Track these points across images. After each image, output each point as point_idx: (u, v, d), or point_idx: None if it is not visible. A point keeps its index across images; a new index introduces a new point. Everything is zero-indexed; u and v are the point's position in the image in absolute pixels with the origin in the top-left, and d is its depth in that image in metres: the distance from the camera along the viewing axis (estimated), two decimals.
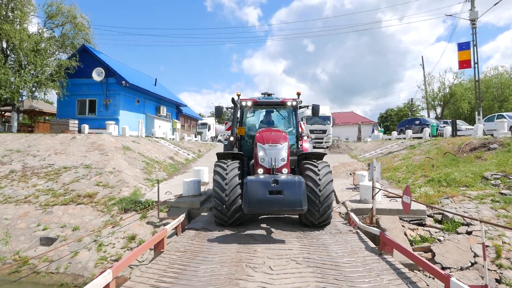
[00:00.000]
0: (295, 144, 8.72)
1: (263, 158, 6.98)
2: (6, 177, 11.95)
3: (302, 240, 6.31)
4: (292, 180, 6.17)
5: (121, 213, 9.33)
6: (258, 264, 4.77)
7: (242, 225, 7.22)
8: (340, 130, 50.69)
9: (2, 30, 16.54)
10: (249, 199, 5.99)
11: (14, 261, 7.83)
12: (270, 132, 7.63)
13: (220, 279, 4.00)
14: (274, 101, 8.86)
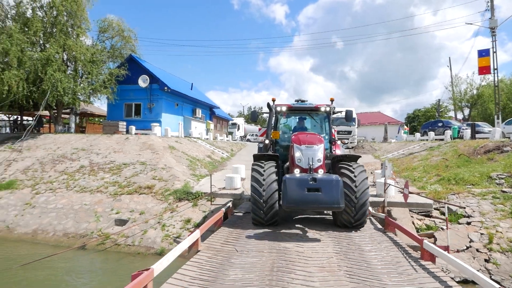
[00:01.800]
0: (329, 149, 8.81)
1: (299, 159, 7.14)
2: (78, 171, 14.38)
3: (335, 237, 6.65)
4: (330, 178, 6.36)
5: (176, 202, 11.40)
6: (292, 262, 5.02)
7: (277, 226, 7.32)
8: (367, 130, 51.25)
9: (66, 44, 19.19)
10: (288, 196, 6.24)
11: (99, 236, 10.07)
12: (306, 134, 7.88)
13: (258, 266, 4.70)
14: (308, 107, 9.02)
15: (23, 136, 18.27)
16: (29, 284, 7.30)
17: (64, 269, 8.29)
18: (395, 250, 5.50)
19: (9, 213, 11.82)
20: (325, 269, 4.46)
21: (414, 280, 4.20)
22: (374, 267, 4.61)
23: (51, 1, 19.24)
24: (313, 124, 9.59)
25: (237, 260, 4.94)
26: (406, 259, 5.02)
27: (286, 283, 4.00)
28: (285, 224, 7.57)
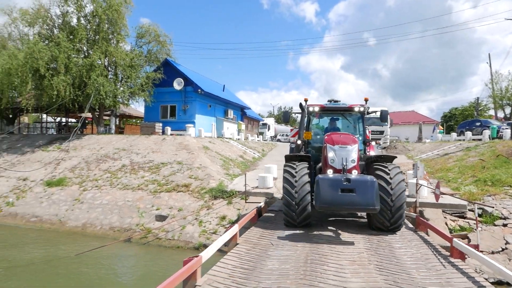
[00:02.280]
0: (363, 150, 8.60)
1: (333, 159, 6.98)
2: (120, 170, 15.36)
3: (367, 235, 6.70)
4: (365, 179, 6.17)
5: (211, 200, 11.99)
6: (324, 256, 5.26)
7: (309, 227, 7.23)
8: (400, 130, 50.03)
9: (107, 51, 20.42)
10: (321, 197, 6.10)
11: (141, 231, 10.83)
12: (339, 134, 7.72)
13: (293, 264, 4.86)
14: (342, 107, 8.84)
15: (70, 137, 19.66)
16: (84, 271, 8.08)
17: (112, 259, 9.07)
18: (425, 248, 5.69)
19: (61, 208, 12.90)
20: (356, 263, 4.76)
21: (442, 275, 4.42)
22: (404, 263, 4.86)
23: (94, 10, 20.52)
24: (346, 125, 9.34)
25: (273, 252, 5.34)
26: (436, 256, 5.21)
27: (319, 273, 4.35)
28: (317, 226, 7.51)
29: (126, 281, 7.86)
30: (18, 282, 7.43)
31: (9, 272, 7.96)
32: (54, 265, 8.42)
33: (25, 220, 12.56)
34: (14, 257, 9.05)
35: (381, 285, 4.02)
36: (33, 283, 7.46)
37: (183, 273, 3.83)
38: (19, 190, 14.80)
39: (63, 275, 7.83)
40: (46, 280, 7.59)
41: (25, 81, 18.44)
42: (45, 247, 9.87)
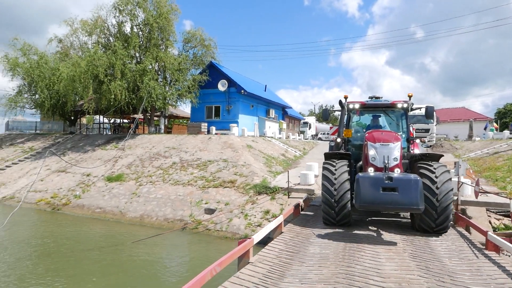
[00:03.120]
0: (406, 148, 8.29)
1: (374, 157, 6.78)
2: (171, 167, 16.62)
3: (403, 229, 6.77)
4: (408, 177, 5.92)
5: (256, 195, 12.74)
6: (361, 244, 5.64)
7: (349, 226, 7.15)
8: (449, 127, 47.91)
9: (158, 56, 21.96)
10: (361, 195, 5.93)
11: (193, 222, 11.84)
12: (381, 132, 7.48)
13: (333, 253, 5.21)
14: (384, 104, 8.58)
15: (126, 137, 21.40)
16: (142, 256, 9.16)
17: (167, 246, 10.11)
18: (460, 241, 5.97)
19: (121, 201, 14.32)
20: (391, 251, 5.22)
21: (473, 264, 4.77)
22: (438, 252, 5.23)
23: (145, 19, 22.14)
24: (389, 122, 9.07)
25: (314, 240, 5.93)
26: (470, 248, 5.51)
27: (357, 258, 4.87)
28: (357, 225, 7.41)
29: (182, 261, 8.82)
30: (90, 265, 8.62)
31: (82, 255, 9.23)
32: (121, 250, 9.60)
33: (91, 211, 14.12)
34: (87, 242, 10.39)
35: (413, 269, 4.46)
36: (105, 264, 8.62)
37: (238, 250, 4.57)
38: (84, 184, 16.55)
39: (128, 257, 8.94)
40: (120, 261, 8.72)
41: (86, 86, 20.41)
42: (112, 234, 11.18)
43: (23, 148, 24.55)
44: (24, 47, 26.25)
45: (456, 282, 4.09)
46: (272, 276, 4.28)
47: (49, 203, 15.36)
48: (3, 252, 9.20)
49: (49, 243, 10.21)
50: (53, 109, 26.13)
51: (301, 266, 4.67)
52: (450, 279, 4.15)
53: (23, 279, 7.39)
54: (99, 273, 7.90)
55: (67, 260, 8.66)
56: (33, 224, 12.80)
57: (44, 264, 8.47)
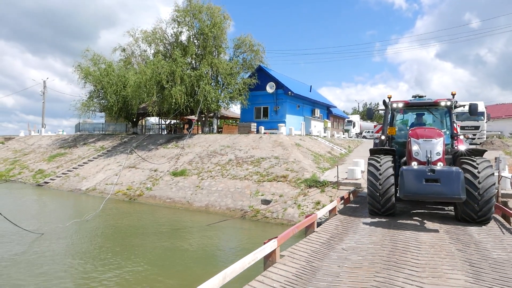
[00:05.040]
0: (451, 144, 8.61)
1: (417, 152, 7.20)
2: (228, 163, 18.46)
3: (444, 217, 7.36)
4: (450, 169, 6.30)
5: (307, 188, 14.13)
6: (405, 228, 6.42)
7: (394, 217, 7.56)
8: (505, 124, 45.92)
9: (213, 63, 24.03)
10: (405, 186, 6.40)
11: (252, 211, 13.50)
12: (424, 128, 7.84)
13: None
14: (427, 102, 8.85)
15: (186, 136, 23.71)
16: (215, 235, 10.94)
17: (232, 229, 11.84)
18: (495, 226, 6.90)
19: (187, 193, 16.38)
20: (431, 234, 6.34)
21: (497, 237, 5.86)
22: (473, 234, 6.23)
23: (200, 29, 24.27)
24: (433, 120, 9.38)
25: (363, 223, 7.17)
26: (501, 230, 6.52)
27: (399, 240, 6.03)
28: (402, 217, 7.81)
29: (245, 241, 10.47)
30: (169, 240, 10.53)
31: (171, 233, 11.20)
32: (193, 231, 11.48)
33: (162, 201, 16.32)
34: (171, 224, 12.42)
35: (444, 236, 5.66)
36: (194, 240, 10.51)
37: (306, 221, 6.06)
38: (153, 178, 18.90)
39: (203, 235, 10.77)
40: (193, 239, 10.58)
41: (150, 91, 22.92)
42: (186, 219, 13.17)
43: (95, 147, 27.85)
44: (94, 57, 29.65)
45: (480, 249, 5.24)
46: (332, 241, 5.72)
47: (126, 194, 17.86)
48: (104, 230, 11.46)
49: (140, 223, 12.37)
50: (119, 112, 29.26)
51: (354, 235, 6.06)
52: (476, 248, 5.31)
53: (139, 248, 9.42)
54: (195, 244, 9.75)
55: (161, 235, 10.67)
56: (121, 211, 15.15)
57: (141, 238, 10.53)
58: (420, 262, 4.66)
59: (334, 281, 4.00)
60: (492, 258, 4.90)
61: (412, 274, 4.22)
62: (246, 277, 4.18)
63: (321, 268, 4.43)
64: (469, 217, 6.91)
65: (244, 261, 3.85)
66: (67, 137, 33.36)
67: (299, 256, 4.89)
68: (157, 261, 8.37)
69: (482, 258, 4.86)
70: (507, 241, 5.82)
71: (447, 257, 4.89)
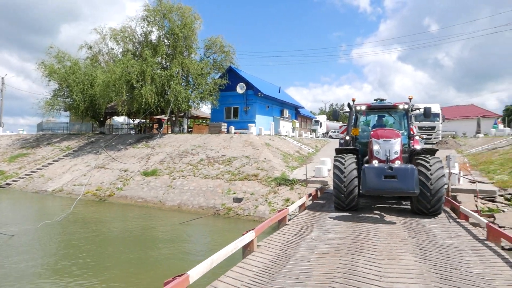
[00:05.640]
0: (408, 144, 9.23)
1: (378, 151, 7.84)
2: (199, 163, 18.75)
3: (401, 211, 8.16)
4: (405, 167, 7.00)
5: (277, 186, 14.75)
6: (366, 221, 7.03)
7: (357, 211, 8.20)
8: (458, 124, 49.12)
9: (183, 63, 24.14)
10: (367, 183, 7.02)
11: (224, 209, 13.93)
12: (384, 129, 8.55)
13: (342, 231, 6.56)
14: (387, 105, 9.56)
15: (154, 136, 23.67)
16: (189, 233, 11.29)
17: (206, 227, 12.23)
18: (442, 215, 7.84)
19: (159, 192, 16.52)
20: (389, 224, 7.08)
21: (444, 225, 6.74)
22: (424, 224, 7.05)
23: (171, 29, 24.30)
24: (392, 121, 10.10)
25: (330, 217, 7.81)
26: (448, 219, 7.42)
27: (361, 230, 6.69)
28: (364, 211, 8.50)
29: (218, 237, 10.90)
30: (141, 239, 10.77)
31: (145, 231, 11.39)
32: (166, 229, 11.75)
33: (133, 200, 16.36)
34: (136, 224, 12.58)
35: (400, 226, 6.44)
36: (169, 236, 10.78)
37: (279, 215, 6.62)
38: (123, 178, 18.82)
39: (176, 233, 11.08)
40: (166, 236, 10.86)
41: (120, 91, 22.69)
42: (160, 217, 13.37)
43: (60, 147, 27.06)
44: (59, 54, 28.75)
45: (430, 237, 6.04)
46: (303, 232, 6.32)
47: (95, 194, 17.68)
48: (76, 230, 11.47)
49: (112, 223, 12.44)
50: (86, 111, 28.58)
51: (322, 227, 6.70)
52: (426, 236, 6.11)
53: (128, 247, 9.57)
54: (168, 241, 10.03)
55: (133, 234, 10.85)
56: (92, 211, 15.02)
57: (120, 234, 10.67)
58: (379, 247, 5.35)
59: (306, 265, 4.57)
60: (438, 242, 5.69)
61: (371, 257, 4.88)
62: (229, 265, 4.65)
63: (294, 255, 5.00)
64: (422, 209, 7.66)
65: (227, 249, 4.35)
66: (28, 136, 32.06)
67: (274, 246, 5.43)
68: (129, 259, 8.56)
69: (430, 243, 5.63)
70: (452, 228, 6.70)
71: (401, 243, 5.62)
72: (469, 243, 5.68)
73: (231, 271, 4.24)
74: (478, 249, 5.33)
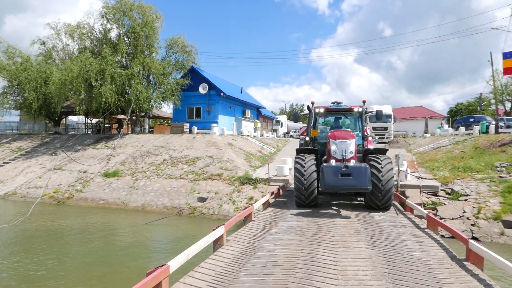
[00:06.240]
0: (362, 144, 9.88)
1: (335, 151, 8.38)
2: (162, 163, 18.74)
3: (356, 206, 9.02)
4: (359, 166, 7.65)
5: (240, 185, 15.21)
6: (324, 216, 7.77)
7: (316, 207, 8.76)
8: (409, 125, 52.42)
9: (144, 62, 23.84)
10: (325, 180, 7.57)
11: (188, 208, 14.15)
12: (340, 131, 9.09)
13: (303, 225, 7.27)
14: (343, 108, 10.27)
15: (115, 136, 23.18)
16: (153, 233, 11.43)
17: (171, 226, 12.41)
18: (393, 210, 8.70)
19: (121, 193, 16.35)
20: (344, 218, 7.80)
21: (392, 217, 7.58)
22: (375, 216, 7.87)
23: (131, 27, 23.90)
24: (348, 123, 10.85)
25: (292, 213, 8.38)
26: (396, 212, 8.30)
27: (320, 224, 7.31)
28: (323, 206, 9.22)
29: (183, 236, 11.16)
30: (104, 240, 10.78)
31: (97, 235, 11.34)
32: (130, 230, 11.80)
33: (94, 202, 16.05)
34: (98, 225, 12.47)
35: (354, 219, 7.16)
36: (136, 236, 10.82)
37: (245, 212, 7.08)
38: (82, 180, 18.34)
39: (140, 234, 11.18)
40: (131, 237, 10.93)
41: (78, 90, 21.98)
42: (124, 219, 13.30)
43: (11, 148, 25.60)
44: (9, 49, 27.16)
45: (379, 227, 6.80)
46: (267, 227, 6.82)
47: (53, 197, 17.10)
48: (34, 233, 11.18)
49: (72, 225, 12.22)
50: (39, 110, 27.25)
51: (285, 222, 7.26)
52: (377, 226, 6.86)
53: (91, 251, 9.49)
54: (133, 241, 10.10)
55: (96, 235, 10.79)
56: (50, 214, 14.55)
57: (79, 238, 10.56)
58: (335, 237, 5.99)
59: (272, 255, 5.06)
60: (386, 232, 6.44)
61: (329, 246, 5.48)
62: (204, 258, 5.03)
63: (261, 247, 5.47)
64: (374, 204, 8.41)
65: (201, 243, 4.74)
66: None
67: (242, 240, 5.88)
68: (91, 261, 8.51)
69: (379, 233, 6.37)
70: (399, 220, 7.54)
71: (355, 233, 6.30)
72: (412, 232, 6.49)
73: (205, 262, 4.63)
74: (418, 236, 6.14)
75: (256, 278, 4.15)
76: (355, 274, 4.31)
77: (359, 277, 4.21)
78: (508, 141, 17.19)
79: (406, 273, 4.35)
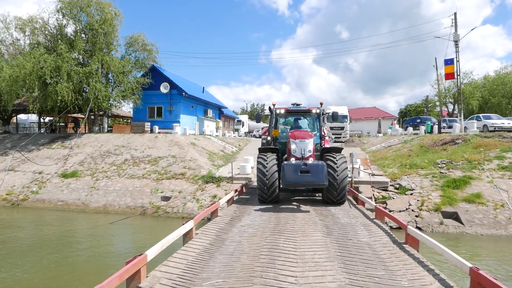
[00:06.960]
0: (320, 143, 10.47)
1: (295, 150, 8.94)
2: (124, 163, 18.54)
3: (315, 202, 9.73)
4: (317, 163, 8.23)
5: (204, 184, 15.53)
6: (286, 212, 8.22)
7: (278, 203, 9.28)
8: (363, 124, 55.10)
9: (103, 60, 23.27)
10: (286, 177, 8.10)
11: (152, 207, 14.25)
12: (300, 131, 9.67)
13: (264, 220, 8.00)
14: (302, 109, 10.88)
15: (72, 136, 22.45)
16: (116, 233, 11.47)
17: (135, 226, 12.49)
18: (347, 204, 9.51)
19: (81, 194, 16.02)
20: (304, 212, 8.48)
21: (347, 210, 8.37)
22: (331, 210, 8.62)
23: (89, 24, 23.24)
24: (307, 124, 11.36)
25: (255, 209, 8.90)
26: (349, 205, 9.12)
27: (281, 217, 7.90)
28: (284, 202, 9.80)
29: (150, 235, 11.33)
30: (65, 242, 10.71)
31: (56, 238, 11.21)
32: (89, 232, 11.75)
33: (53, 204, 15.60)
34: (58, 227, 12.26)
35: (312, 212, 7.84)
36: (101, 236, 10.79)
37: (212, 207, 7.51)
38: (38, 181, 17.68)
39: (103, 234, 11.19)
40: (92, 239, 10.92)
41: (31, 87, 21.05)
42: (85, 220, 13.12)
43: None
44: None
45: (334, 219, 7.53)
46: (233, 221, 7.30)
47: (6, 199, 16.36)
48: None
49: (29, 229, 11.89)
50: None
51: (249, 216, 7.77)
52: (332, 218, 7.58)
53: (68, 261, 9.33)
54: (95, 243, 10.10)
55: (55, 237, 10.65)
56: (4, 216, 13.99)
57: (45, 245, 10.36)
58: (295, 228, 6.60)
59: (238, 245, 5.55)
60: (340, 223, 7.17)
61: (289, 236, 6.07)
62: (177, 249, 5.40)
63: (228, 239, 5.94)
64: (330, 200, 9.06)
65: (173, 235, 5.11)
66: None
67: (210, 233, 6.31)
68: (48, 264, 8.40)
69: (334, 223, 7.08)
70: (352, 212, 8.35)
71: (312, 224, 6.96)
72: (362, 222, 7.28)
73: (177, 253, 5.02)
74: (368, 225, 6.92)
75: (225, 265, 4.61)
76: (312, 258, 4.91)
77: (315, 260, 4.82)
78: (448, 140, 18.96)
79: (355, 255, 5.03)
